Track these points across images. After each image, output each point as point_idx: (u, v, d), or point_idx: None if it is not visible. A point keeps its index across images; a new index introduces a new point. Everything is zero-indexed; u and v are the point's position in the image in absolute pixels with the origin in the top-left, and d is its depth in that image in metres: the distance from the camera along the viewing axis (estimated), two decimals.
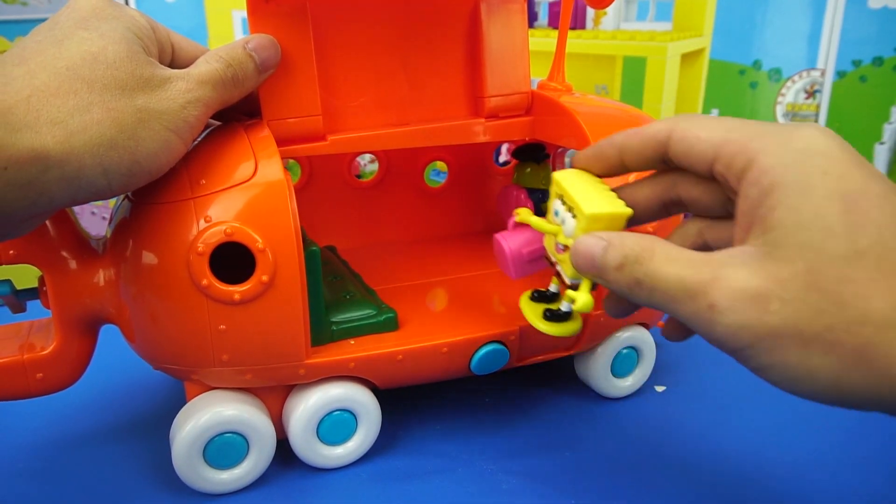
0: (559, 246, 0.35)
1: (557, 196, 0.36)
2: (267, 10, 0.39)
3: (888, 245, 0.26)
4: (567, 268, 0.35)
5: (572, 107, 0.44)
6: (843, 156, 0.28)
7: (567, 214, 0.35)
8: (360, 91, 0.44)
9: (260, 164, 0.37)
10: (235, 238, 0.36)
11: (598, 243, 0.31)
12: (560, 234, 0.35)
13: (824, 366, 0.26)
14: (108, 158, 0.32)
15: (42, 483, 0.42)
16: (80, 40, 0.33)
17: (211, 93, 0.36)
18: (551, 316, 0.38)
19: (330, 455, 0.42)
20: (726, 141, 0.30)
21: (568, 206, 0.35)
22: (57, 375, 0.39)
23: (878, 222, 0.26)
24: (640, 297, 0.30)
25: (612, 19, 0.93)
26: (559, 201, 0.35)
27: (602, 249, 0.31)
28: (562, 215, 0.35)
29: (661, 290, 0.29)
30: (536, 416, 0.48)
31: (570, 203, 0.34)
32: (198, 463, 0.39)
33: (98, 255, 0.39)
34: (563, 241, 0.35)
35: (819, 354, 0.26)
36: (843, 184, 0.27)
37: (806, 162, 0.28)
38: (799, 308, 0.26)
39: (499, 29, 0.46)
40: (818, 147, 0.28)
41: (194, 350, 0.38)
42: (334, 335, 0.42)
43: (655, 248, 0.30)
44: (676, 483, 0.41)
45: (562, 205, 0.35)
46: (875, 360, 0.25)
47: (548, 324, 0.38)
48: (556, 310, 0.38)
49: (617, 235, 0.31)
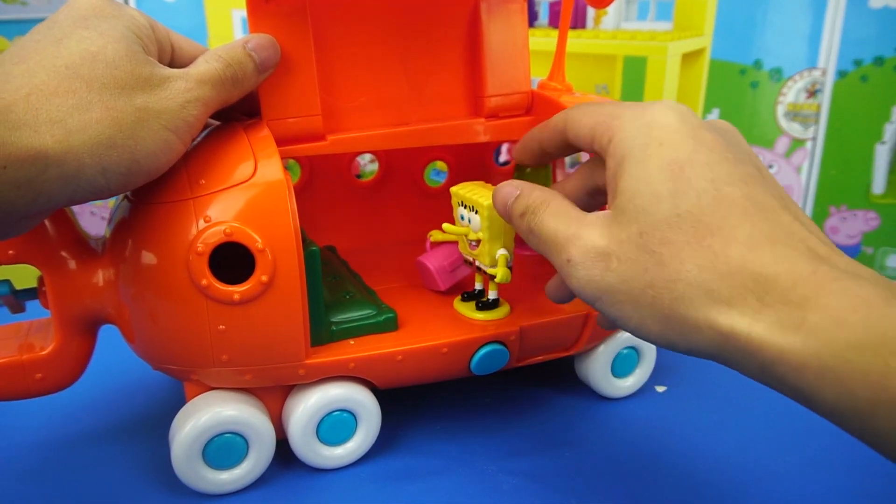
0: (472, 243, 0.42)
1: (458, 205, 0.43)
2: (267, 9, 0.39)
3: (704, 210, 0.29)
4: (483, 258, 0.42)
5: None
6: (681, 127, 0.31)
7: (471, 214, 0.42)
8: (360, 91, 0.44)
9: (259, 163, 0.37)
10: (235, 238, 0.36)
11: (511, 192, 0.36)
12: (470, 232, 0.42)
13: (651, 319, 0.29)
14: (106, 158, 0.32)
15: (41, 483, 0.42)
16: (80, 39, 0.33)
17: (210, 92, 0.36)
18: (483, 306, 0.45)
19: (330, 455, 0.42)
20: (597, 123, 0.33)
21: (469, 208, 0.42)
22: (56, 376, 0.39)
23: (698, 188, 0.29)
24: (533, 244, 0.34)
25: (613, 19, 0.93)
26: (462, 208, 0.43)
27: (513, 197, 0.36)
28: (467, 217, 0.42)
29: (543, 240, 0.33)
30: (536, 416, 0.48)
31: (470, 204, 0.41)
32: (197, 463, 0.39)
33: (97, 255, 0.39)
34: (474, 237, 0.42)
35: (646, 308, 0.29)
36: (674, 153, 0.30)
37: (648, 134, 0.31)
38: (630, 267, 0.30)
39: (499, 28, 0.45)
40: (661, 120, 0.31)
41: (194, 350, 0.38)
42: (334, 335, 0.42)
43: (551, 203, 0.34)
44: (676, 483, 0.41)
45: (464, 209, 0.42)
46: (686, 316, 0.28)
47: (481, 313, 0.45)
48: (486, 300, 0.45)
49: (528, 186, 0.36)
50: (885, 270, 0.71)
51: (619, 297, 0.30)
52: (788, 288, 0.27)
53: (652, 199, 0.30)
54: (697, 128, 0.31)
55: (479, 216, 0.41)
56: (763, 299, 0.27)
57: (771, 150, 0.73)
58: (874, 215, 0.71)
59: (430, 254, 0.48)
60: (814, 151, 0.72)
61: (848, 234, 0.72)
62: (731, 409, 0.48)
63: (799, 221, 0.29)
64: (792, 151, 0.73)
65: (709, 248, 0.28)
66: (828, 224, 0.73)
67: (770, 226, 0.29)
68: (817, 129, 0.72)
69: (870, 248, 0.72)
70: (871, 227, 0.71)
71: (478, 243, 0.42)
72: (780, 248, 0.28)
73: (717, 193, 0.29)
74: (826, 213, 0.73)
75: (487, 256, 0.42)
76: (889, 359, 0.24)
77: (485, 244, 0.42)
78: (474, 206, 0.41)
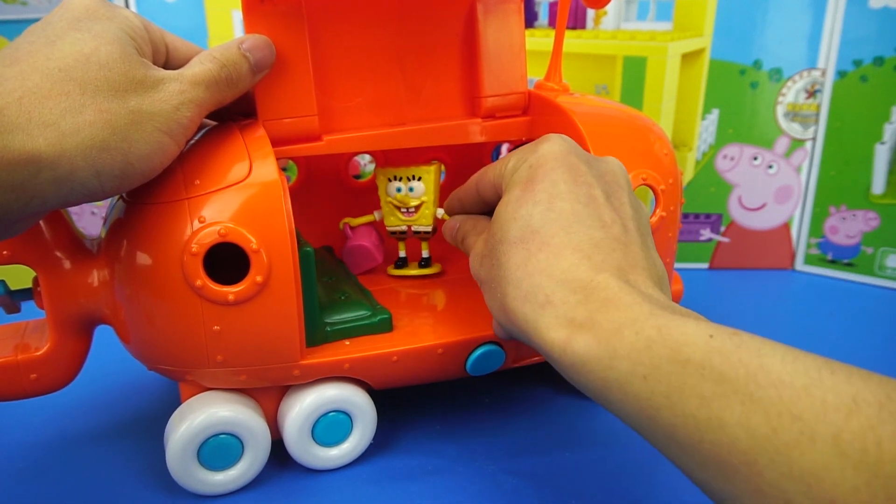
0: (409, 210, 0.50)
1: (388, 180, 0.50)
2: (262, 10, 0.39)
3: (534, 220, 0.34)
4: (426, 220, 0.50)
5: (569, 107, 0.44)
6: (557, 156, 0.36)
7: (412, 183, 0.49)
8: (357, 91, 0.44)
9: (255, 164, 0.37)
10: (229, 239, 0.36)
11: (451, 224, 0.44)
12: (410, 200, 0.50)
13: (497, 309, 0.35)
14: (100, 160, 0.32)
15: (37, 483, 0.42)
16: (73, 41, 0.32)
17: (204, 94, 0.36)
18: (424, 264, 0.53)
19: (325, 456, 0.42)
20: (495, 175, 0.39)
21: (408, 179, 0.49)
22: (51, 376, 0.39)
23: (536, 201, 0.34)
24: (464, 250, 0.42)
25: (613, 19, 0.93)
26: (396, 181, 0.50)
27: (453, 229, 0.43)
28: (405, 188, 0.50)
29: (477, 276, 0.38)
30: (536, 416, 0.48)
31: (410, 175, 0.49)
32: (192, 464, 0.39)
33: (93, 255, 0.39)
34: (415, 202, 0.50)
35: (495, 299, 0.35)
36: (528, 183, 0.35)
37: (525, 162, 0.36)
38: (488, 266, 0.36)
39: (495, 29, 0.45)
40: (541, 150, 0.36)
41: (189, 351, 0.38)
42: (329, 336, 0.42)
43: (476, 245, 0.39)
44: (676, 483, 0.41)
45: (399, 182, 0.50)
46: (509, 308, 0.33)
47: (423, 269, 0.53)
48: (423, 259, 0.53)
49: (465, 220, 0.43)
50: (885, 270, 0.71)
51: (487, 287, 0.37)
52: (575, 291, 0.31)
53: (503, 220, 0.35)
54: (569, 154, 0.36)
55: (424, 182, 0.49)
56: (552, 300, 0.31)
57: (771, 151, 0.73)
58: (874, 215, 0.71)
59: (356, 237, 0.53)
60: (813, 151, 0.72)
61: (847, 234, 0.72)
62: None
63: (623, 242, 0.34)
64: (791, 151, 0.73)
65: (526, 251, 0.33)
66: (827, 224, 0.73)
67: (578, 239, 0.33)
68: (817, 130, 0.71)
69: (870, 248, 0.72)
70: (870, 228, 0.71)
71: (417, 209, 0.50)
72: (577, 256, 0.32)
73: (549, 206, 0.34)
74: (826, 213, 0.73)
75: (430, 218, 0.50)
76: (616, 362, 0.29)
77: (427, 206, 0.50)
78: (416, 175, 0.49)
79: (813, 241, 0.75)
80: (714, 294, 0.64)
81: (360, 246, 0.53)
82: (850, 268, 0.74)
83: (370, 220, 0.53)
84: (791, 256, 0.76)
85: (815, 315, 0.66)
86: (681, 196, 0.46)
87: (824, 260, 0.75)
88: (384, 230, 0.53)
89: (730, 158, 0.74)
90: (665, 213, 0.44)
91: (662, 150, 0.45)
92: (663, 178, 0.44)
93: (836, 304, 0.68)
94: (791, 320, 0.65)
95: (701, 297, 0.69)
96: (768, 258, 0.77)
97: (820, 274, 0.75)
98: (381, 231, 0.54)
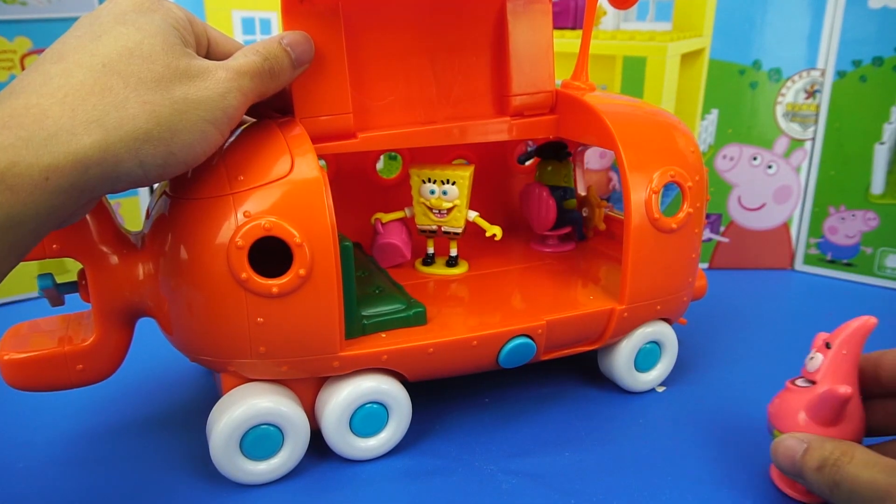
0: (441, 212, 0.51)
1: (423, 182, 0.50)
2: (301, 10, 0.40)
3: None
4: (457, 222, 0.51)
5: (596, 104, 0.45)
6: None
7: (445, 187, 0.50)
8: (390, 90, 0.45)
9: (296, 160, 0.38)
10: (274, 233, 0.37)
11: (798, 445, 0.36)
12: (443, 203, 0.50)
13: None
14: (143, 151, 0.32)
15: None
16: (118, 35, 0.33)
17: (249, 83, 0.37)
18: (451, 263, 0.54)
19: (364, 447, 0.42)
20: None
21: (442, 182, 0.50)
22: (96, 367, 0.40)
23: None
24: (840, 497, 0.33)
25: (612, 19, 0.93)
26: (430, 184, 0.50)
27: (802, 451, 0.35)
28: (438, 190, 0.50)
29: (857, 491, 0.32)
30: (536, 416, 0.48)
31: (444, 178, 0.50)
32: (235, 454, 0.40)
33: (137, 249, 0.40)
34: (448, 206, 0.50)
35: None
36: None
37: None
38: None
39: (524, 29, 0.46)
40: None
41: (232, 342, 0.38)
42: (366, 329, 0.42)
43: (855, 453, 0.34)
44: (676, 483, 0.41)
45: (433, 184, 0.50)
46: None
47: (450, 269, 0.53)
48: (451, 258, 0.53)
49: (816, 438, 0.35)
50: (884, 270, 0.72)
51: None
52: None
53: None
54: None
55: (458, 187, 0.50)
56: None
57: (770, 151, 0.74)
58: (873, 215, 0.72)
59: (387, 234, 0.54)
60: (813, 152, 0.73)
61: (847, 234, 0.73)
62: (732, 409, 0.48)
63: None
64: (791, 151, 0.74)
65: None
66: (827, 224, 0.74)
67: None
68: (816, 130, 0.72)
69: (869, 248, 0.72)
70: (870, 228, 0.72)
71: (449, 211, 0.51)
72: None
73: None
74: (825, 214, 0.74)
75: (461, 220, 0.51)
76: None
77: (460, 210, 0.50)
78: (450, 179, 0.50)
79: (812, 241, 0.75)
80: (714, 294, 0.64)
81: (391, 244, 0.54)
82: (850, 268, 0.74)
83: (401, 216, 0.54)
84: (790, 256, 0.76)
85: (814, 315, 0.66)
86: (706, 193, 0.47)
87: (823, 260, 0.75)
88: (413, 226, 0.53)
89: (729, 158, 0.74)
90: (692, 209, 0.45)
91: (689, 148, 0.46)
92: (690, 175, 0.45)
93: (836, 304, 0.68)
94: (790, 320, 0.65)
95: None
96: (768, 258, 0.77)
97: (819, 274, 0.75)
98: (411, 227, 0.54)
